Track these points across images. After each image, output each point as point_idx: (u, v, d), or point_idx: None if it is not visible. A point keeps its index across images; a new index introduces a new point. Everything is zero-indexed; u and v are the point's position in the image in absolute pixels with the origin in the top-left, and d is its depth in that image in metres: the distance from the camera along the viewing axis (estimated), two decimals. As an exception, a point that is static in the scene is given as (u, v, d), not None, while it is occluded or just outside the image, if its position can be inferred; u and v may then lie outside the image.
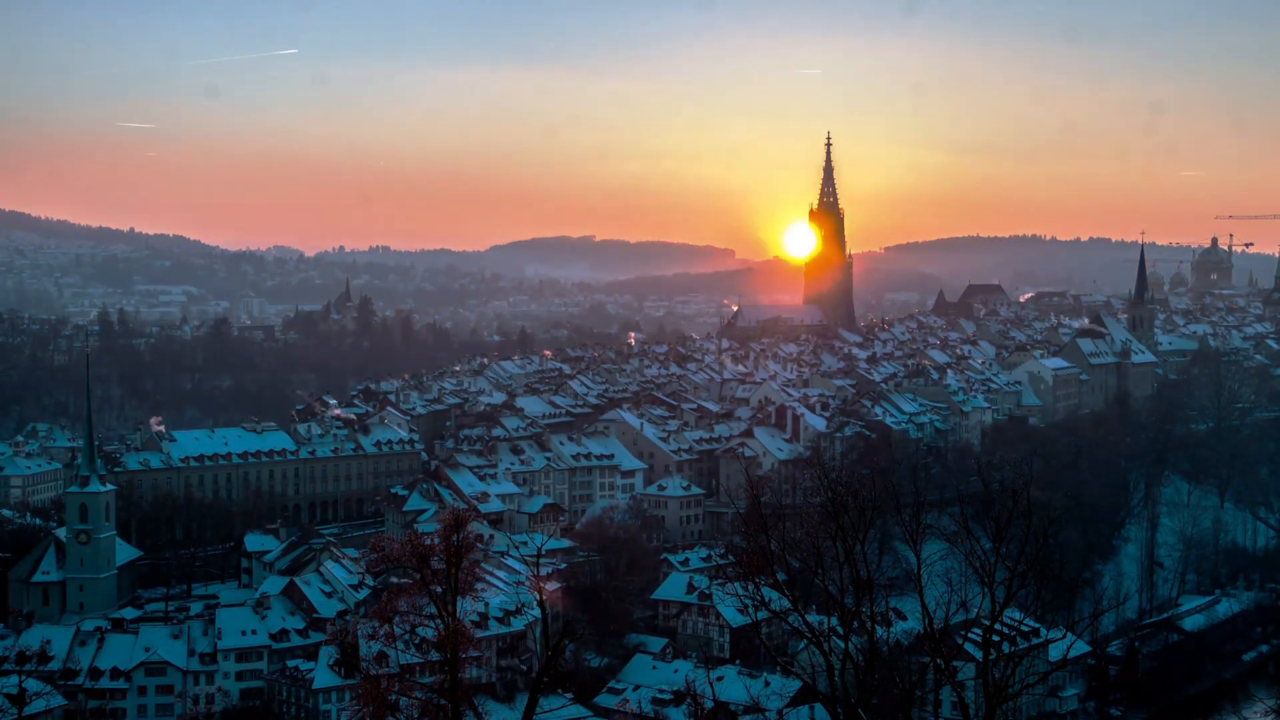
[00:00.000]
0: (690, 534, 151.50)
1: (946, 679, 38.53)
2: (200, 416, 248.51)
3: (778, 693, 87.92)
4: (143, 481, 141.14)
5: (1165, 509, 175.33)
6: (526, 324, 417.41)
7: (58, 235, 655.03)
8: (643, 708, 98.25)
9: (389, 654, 75.81)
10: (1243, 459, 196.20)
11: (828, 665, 37.48)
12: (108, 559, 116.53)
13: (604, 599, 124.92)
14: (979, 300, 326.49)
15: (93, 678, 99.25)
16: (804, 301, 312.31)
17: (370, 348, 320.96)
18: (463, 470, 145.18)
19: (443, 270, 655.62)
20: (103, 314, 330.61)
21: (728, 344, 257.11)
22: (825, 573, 37.81)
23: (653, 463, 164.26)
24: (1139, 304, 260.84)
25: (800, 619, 38.09)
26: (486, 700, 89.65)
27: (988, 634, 38.53)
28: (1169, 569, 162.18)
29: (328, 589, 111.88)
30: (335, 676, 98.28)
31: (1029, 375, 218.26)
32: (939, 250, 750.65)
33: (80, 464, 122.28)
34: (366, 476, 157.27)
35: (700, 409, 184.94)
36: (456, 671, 47.68)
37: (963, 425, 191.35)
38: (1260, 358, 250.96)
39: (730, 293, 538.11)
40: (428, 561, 50.54)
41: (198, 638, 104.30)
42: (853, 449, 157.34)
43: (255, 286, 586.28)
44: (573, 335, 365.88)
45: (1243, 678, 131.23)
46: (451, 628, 48.39)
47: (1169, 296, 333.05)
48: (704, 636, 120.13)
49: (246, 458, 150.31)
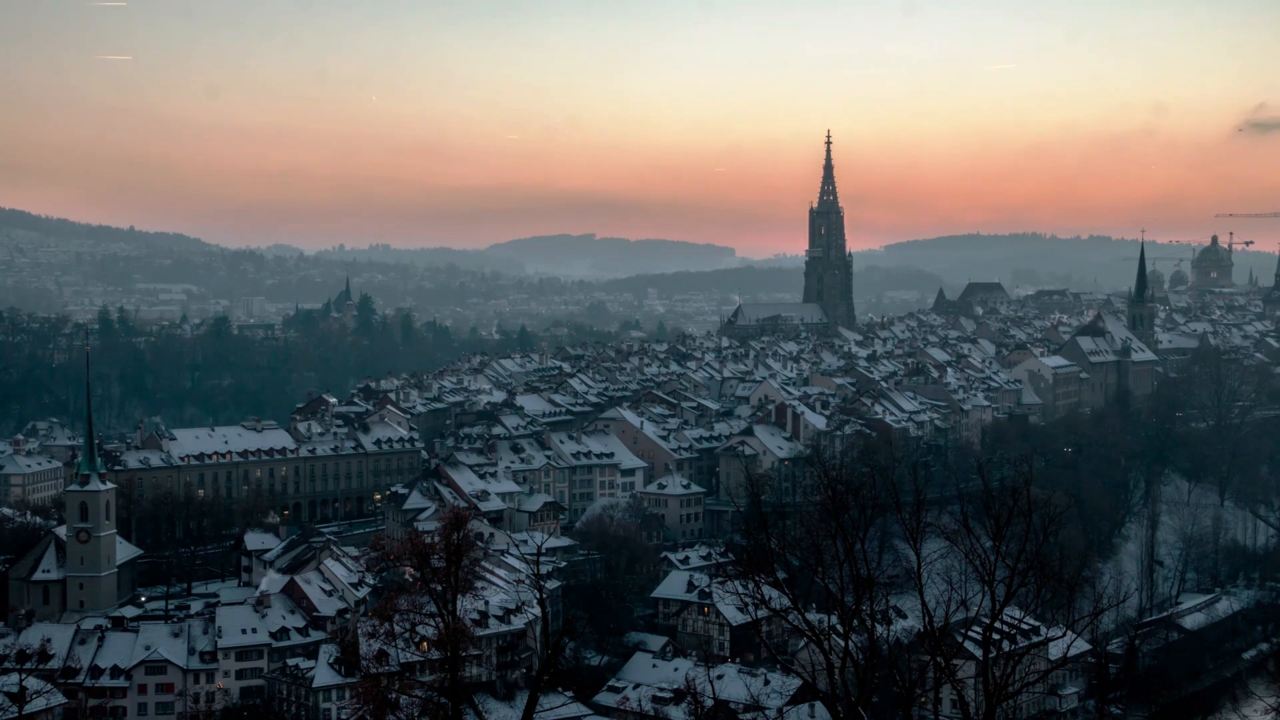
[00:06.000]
0: (690, 532, 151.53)
1: (946, 677, 38.56)
2: (200, 415, 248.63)
3: (778, 691, 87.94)
4: (143, 480, 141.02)
5: (1165, 507, 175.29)
6: (527, 322, 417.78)
7: (58, 233, 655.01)
8: (643, 706, 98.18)
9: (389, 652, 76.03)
10: (1243, 457, 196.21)
11: (828, 663, 37.51)
12: (108, 557, 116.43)
13: (604, 597, 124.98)
14: (979, 298, 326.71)
15: (93, 676, 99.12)
16: (804, 299, 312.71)
17: (370, 346, 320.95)
18: (463, 469, 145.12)
19: (443, 268, 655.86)
20: (103, 312, 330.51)
21: (728, 342, 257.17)
22: (825, 571, 37.84)
23: (653, 461, 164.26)
24: (1139, 302, 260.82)
25: (800, 617, 38.13)
26: (486, 699, 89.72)
27: (988, 632, 38.57)
28: (1169, 567, 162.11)
29: (328, 587, 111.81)
30: (336, 675, 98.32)
31: (1029, 373, 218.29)
32: (939, 248, 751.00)
33: (80, 462, 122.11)
34: (366, 475, 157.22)
35: (700, 407, 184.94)
36: (457, 670, 47.75)
37: (963, 423, 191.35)
38: (1260, 356, 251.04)
39: (730, 291, 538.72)
40: (428, 560, 50.67)
41: (198, 636, 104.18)
42: (853, 447, 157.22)
43: (255, 285, 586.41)
44: (573, 333, 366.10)
45: (1243, 676, 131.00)
46: (452, 626, 48.48)
47: (1169, 294, 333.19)
48: (704, 635, 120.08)
49: (246, 456, 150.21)
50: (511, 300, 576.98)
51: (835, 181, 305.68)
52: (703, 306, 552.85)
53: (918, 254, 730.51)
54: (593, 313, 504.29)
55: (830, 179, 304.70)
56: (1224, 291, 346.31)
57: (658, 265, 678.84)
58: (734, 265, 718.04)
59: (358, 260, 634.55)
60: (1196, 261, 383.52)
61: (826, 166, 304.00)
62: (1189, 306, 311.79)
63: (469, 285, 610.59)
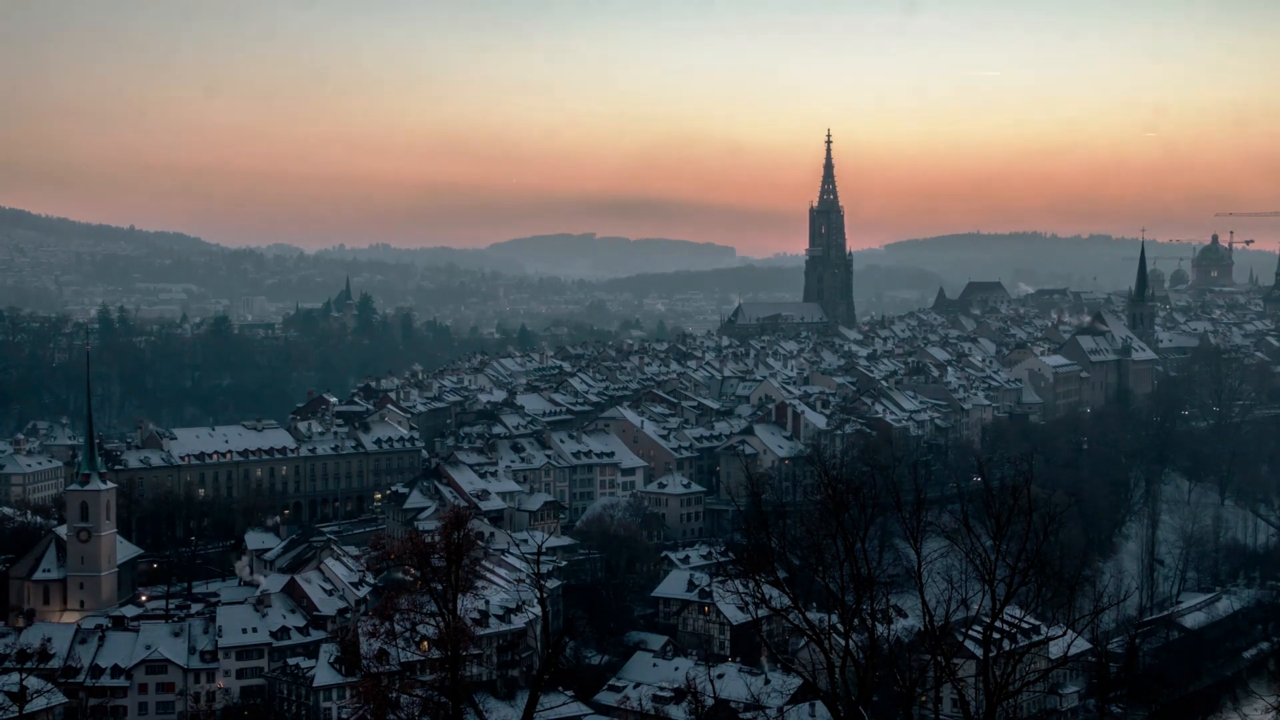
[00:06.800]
0: (691, 531, 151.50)
1: (947, 676, 38.54)
2: (200, 414, 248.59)
3: (778, 690, 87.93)
4: (143, 479, 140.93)
5: (1165, 506, 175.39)
6: (527, 322, 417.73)
7: (58, 233, 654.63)
8: (643, 705, 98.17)
9: (389, 652, 75.95)
10: (1243, 456, 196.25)
11: (828, 663, 37.50)
12: (108, 557, 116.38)
13: (604, 597, 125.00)
14: (979, 297, 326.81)
15: (94, 675, 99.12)
16: (804, 299, 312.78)
17: (370, 345, 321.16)
18: (463, 468, 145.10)
19: (443, 268, 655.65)
20: (103, 312, 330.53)
21: (728, 341, 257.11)
22: (826, 570, 37.80)
23: (653, 460, 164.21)
24: (1139, 301, 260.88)
25: (801, 616, 38.11)
26: (487, 698, 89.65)
27: (988, 631, 38.52)
28: (1169, 566, 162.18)
29: (328, 587, 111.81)
30: (336, 674, 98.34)
31: (1029, 372, 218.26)
32: (939, 247, 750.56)
33: (81, 462, 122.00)
34: (367, 475, 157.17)
35: (700, 406, 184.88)
36: (457, 669, 47.74)
37: (963, 422, 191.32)
38: (1260, 355, 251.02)
39: (730, 290, 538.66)
40: (428, 559, 50.66)
41: (198, 635, 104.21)
42: (853, 446, 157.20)
43: (255, 284, 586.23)
44: (573, 333, 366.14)
45: (1243, 675, 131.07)
46: (452, 625, 48.47)
47: (1169, 293, 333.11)
48: (704, 634, 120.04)
49: (247, 456, 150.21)
50: (511, 300, 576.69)
51: (835, 181, 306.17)
52: (703, 306, 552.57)
53: (918, 254, 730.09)
54: (593, 312, 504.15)
55: (830, 178, 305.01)
56: (1224, 290, 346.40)
57: (658, 265, 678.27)
58: (734, 265, 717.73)
59: (358, 260, 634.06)
60: (1196, 261, 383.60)
61: (826, 166, 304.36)
62: (1189, 305, 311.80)
63: (469, 285, 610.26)
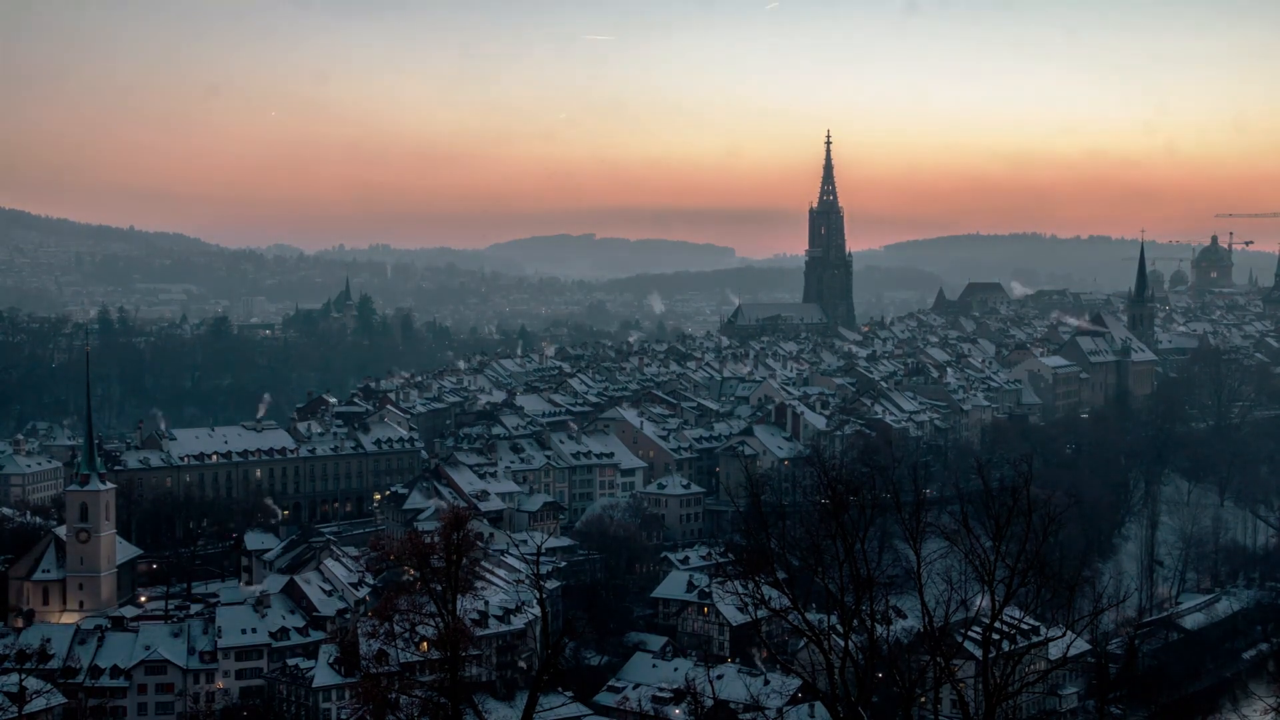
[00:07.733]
0: (690, 532, 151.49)
1: (946, 677, 38.54)
2: (200, 415, 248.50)
3: (778, 691, 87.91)
4: (143, 480, 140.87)
5: (1165, 507, 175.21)
6: (526, 322, 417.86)
7: (58, 233, 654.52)
8: (643, 706, 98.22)
9: (389, 652, 75.93)
10: (1243, 457, 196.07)
11: (828, 663, 37.48)
12: (108, 557, 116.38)
13: (604, 597, 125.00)
14: (979, 298, 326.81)
15: (93, 676, 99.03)
16: (804, 299, 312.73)
17: (370, 346, 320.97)
18: (462, 468, 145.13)
19: (443, 268, 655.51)
20: (103, 312, 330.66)
21: (728, 342, 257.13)
22: (825, 571, 37.78)
23: (653, 461, 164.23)
24: (1139, 302, 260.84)
25: (800, 617, 38.09)
26: (486, 699, 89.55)
27: (987, 632, 38.53)
28: (1169, 567, 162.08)
29: (328, 587, 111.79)
30: (336, 675, 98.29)
31: (1029, 373, 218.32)
32: (939, 248, 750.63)
33: (80, 462, 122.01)
34: (366, 475, 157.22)
35: (700, 407, 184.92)
36: (456, 670, 47.73)
37: (963, 423, 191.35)
38: (1260, 356, 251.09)
39: (730, 291, 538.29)
40: (428, 560, 50.67)
41: (198, 636, 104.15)
42: (853, 447, 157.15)
43: (255, 285, 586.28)
44: (573, 333, 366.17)
45: (1242, 676, 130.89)
46: (451, 626, 48.47)
47: (1169, 294, 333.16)
48: (704, 635, 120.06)
49: (246, 456, 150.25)
50: (511, 300, 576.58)
51: (835, 181, 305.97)
52: (703, 306, 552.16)
53: (918, 254, 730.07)
54: (593, 313, 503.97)
55: (830, 179, 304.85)
56: (1224, 291, 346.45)
57: (658, 265, 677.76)
58: (734, 265, 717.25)
59: (358, 260, 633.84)
60: (1196, 261, 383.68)
61: (826, 166, 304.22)
62: (1189, 306, 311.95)
63: (469, 285, 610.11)
